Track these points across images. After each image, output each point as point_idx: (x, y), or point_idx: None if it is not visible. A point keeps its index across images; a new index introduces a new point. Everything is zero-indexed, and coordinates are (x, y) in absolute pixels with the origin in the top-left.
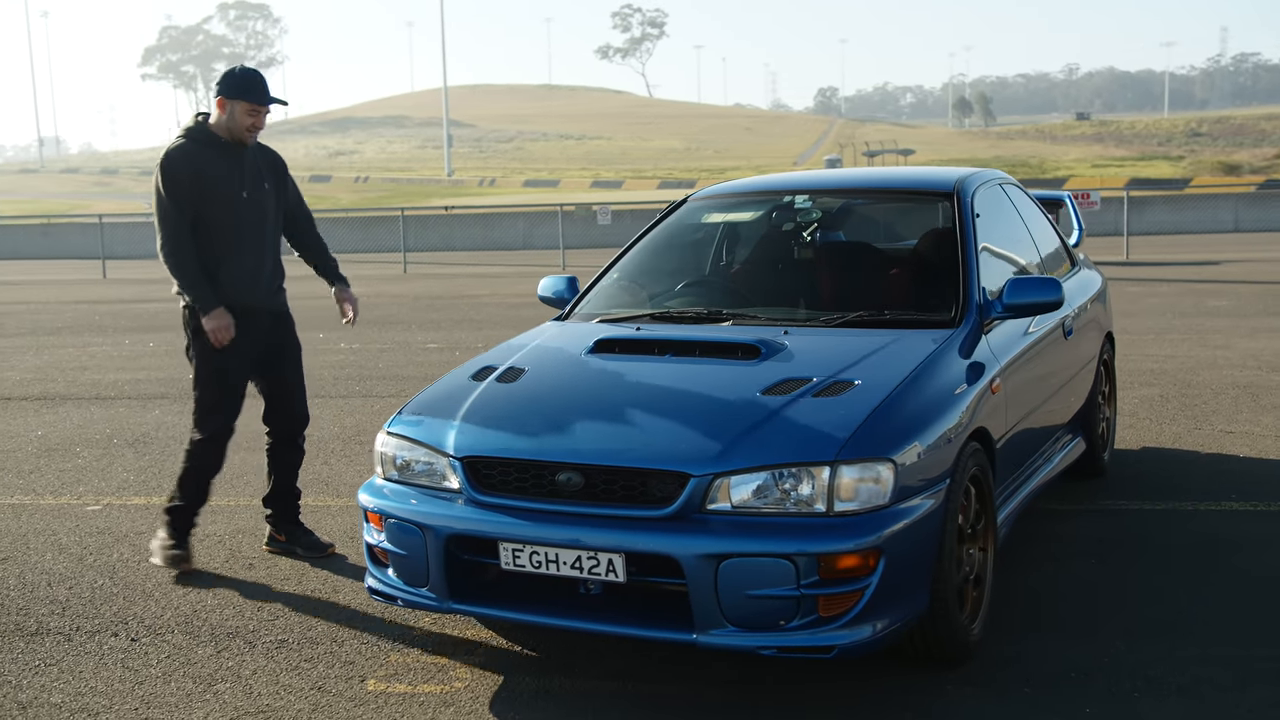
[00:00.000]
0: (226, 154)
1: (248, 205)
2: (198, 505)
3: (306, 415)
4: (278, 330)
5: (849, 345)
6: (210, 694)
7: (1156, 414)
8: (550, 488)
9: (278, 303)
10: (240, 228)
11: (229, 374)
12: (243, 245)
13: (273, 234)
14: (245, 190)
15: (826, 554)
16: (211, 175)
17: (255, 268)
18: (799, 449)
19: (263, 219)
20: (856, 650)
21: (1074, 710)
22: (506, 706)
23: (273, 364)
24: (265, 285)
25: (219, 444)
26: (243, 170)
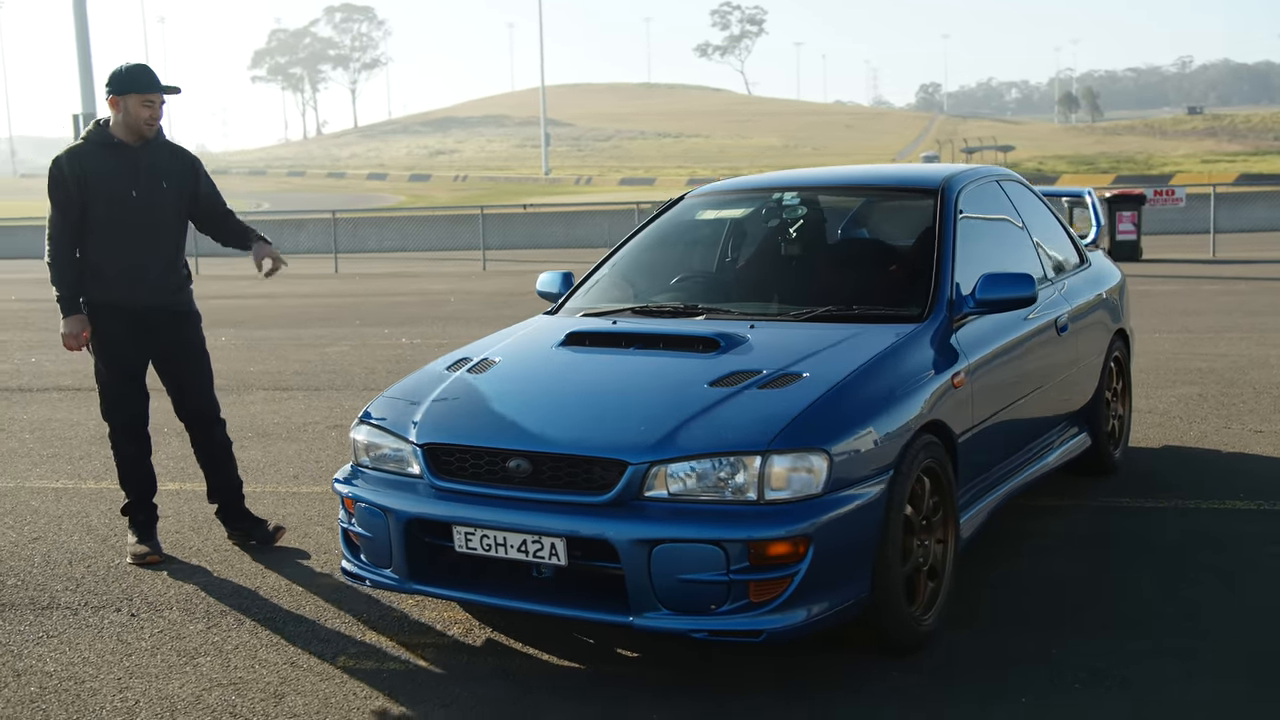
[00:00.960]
0: (120, 155)
1: (137, 205)
2: (146, 496)
3: (210, 407)
4: (173, 328)
5: (809, 339)
6: (190, 666)
7: (1190, 412)
8: (502, 474)
9: (173, 301)
10: (127, 227)
11: (120, 368)
12: (130, 244)
13: (168, 234)
14: (135, 190)
15: (755, 540)
16: (100, 176)
17: (142, 267)
18: (733, 439)
19: (154, 219)
20: (786, 635)
21: (1011, 698)
22: (463, 684)
23: (170, 360)
24: (154, 284)
25: (132, 432)
26: (136, 171)
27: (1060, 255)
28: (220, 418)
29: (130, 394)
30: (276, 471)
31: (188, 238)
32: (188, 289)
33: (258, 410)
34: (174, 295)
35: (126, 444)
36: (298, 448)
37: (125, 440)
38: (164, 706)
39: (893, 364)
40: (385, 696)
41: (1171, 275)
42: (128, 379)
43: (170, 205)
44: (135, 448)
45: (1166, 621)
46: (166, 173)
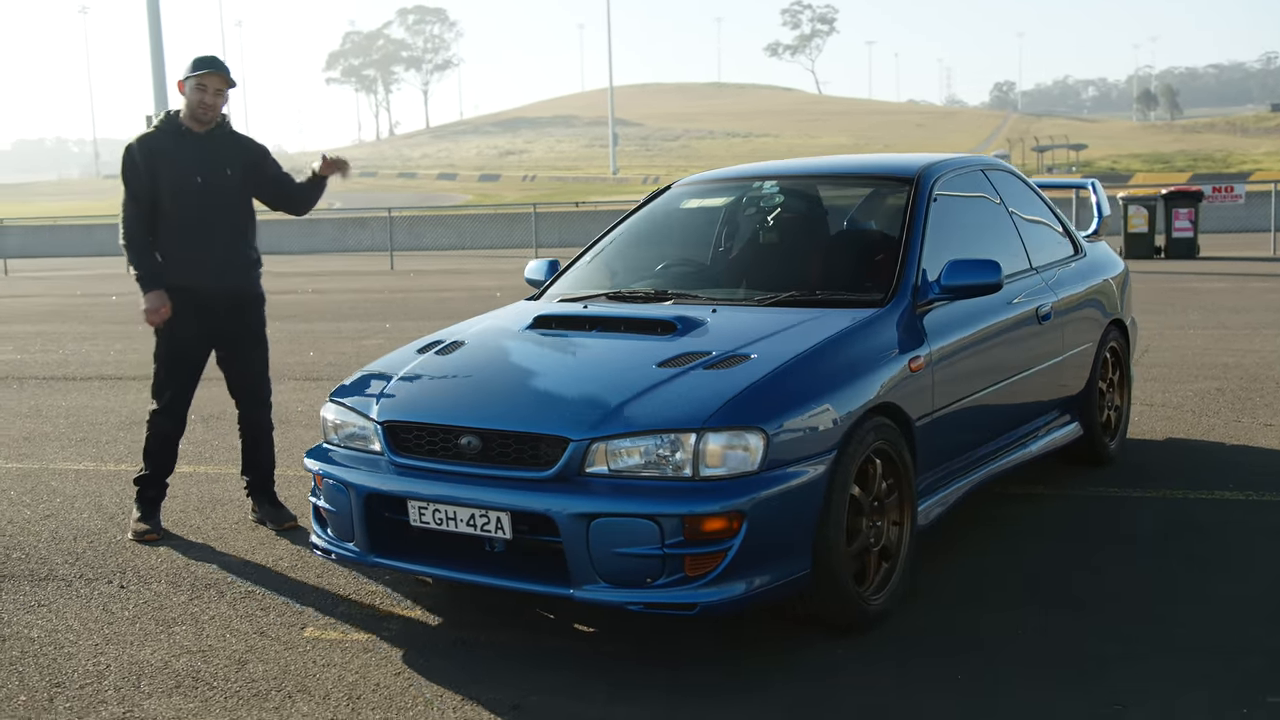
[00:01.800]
0: (188, 142)
1: (202, 191)
2: (162, 474)
3: (262, 389)
4: (236, 310)
5: (766, 322)
6: (165, 634)
7: (1204, 406)
8: (455, 450)
9: (237, 284)
10: (192, 212)
11: (180, 350)
12: (195, 229)
13: (232, 219)
14: (200, 176)
15: (689, 516)
16: (168, 162)
17: (207, 251)
18: (671, 417)
19: (218, 204)
20: (721, 609)
21: (945, 677)
22: (420, 654)
23: (230, 341)
24: (217, 267)
25: (172, 412)
26: (202, 157)
27: (1049, 245)
28: (269, 401)
29: (183, 375)
30: (288, 456)
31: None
32: (254, 273)
33: (285, 399)
34: (238, 278)
35: (163, 421)
36: (314, 434)
37: (163, 418)
38: (132, 671)
39: (843, 347)
40: (341, 665)
41: (1224, 273)
42: (185, 360)
43: (234, 191)
44: (170, 426)
45: (1124, 604)
46: (232, 160)
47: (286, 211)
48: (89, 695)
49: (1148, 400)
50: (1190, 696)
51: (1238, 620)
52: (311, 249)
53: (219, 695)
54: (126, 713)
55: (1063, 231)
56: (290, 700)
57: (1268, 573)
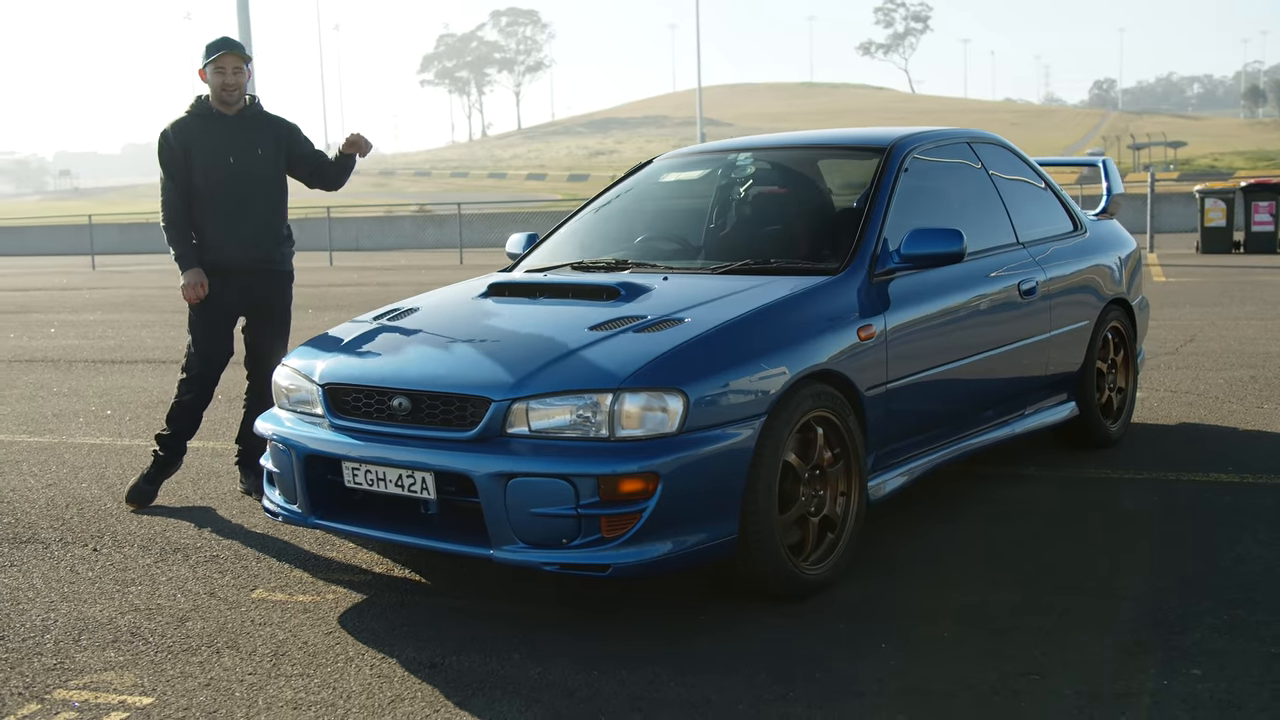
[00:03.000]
0: (218, 124)
1: (235, 171)
2: (182, 435)
3: (275, 362)
4: (264, 284)
5: (712, 288)
6: (120, 593)
7: (1229, 393)
8: (387, 412)
9: (268, 260)
10: (225, 192)
11: (211, 324)
12: (229, 208)
13: (264, 197)
14: (232, 156)
15: (603, 476)
16: (201, 144)
17: (236, 229)
18: (589, 378)
19: (250, 184)
20: (634, 570)
21: (870, 645)
22: (357, 615)
23: (256, 312)
24: (249, 244)
25: (200, 382)
26: (232, 139)
27: (1042, 220)
28: None
29: (213, 348)
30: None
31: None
32: (283, 249)
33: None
34: (268, 254)
35: (189, 390)
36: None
37: (190, 387)
38: (75, 626)
39: (783, 313)
40: (277, 624)
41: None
42: (215, 333)
43: (266, 171)
44: (194, 396)
45: (1071, 580)
46: (263, 140)
47: (321, 188)
48: (28, 647)
49: (1173, 386)
50: (1114, 667)
51: (1185, 597)
52: (389, 245)
53: (150, 650)
54: (58, 663)
55: (1061, 207)
56: (217, 655)
57: (1229, 552)
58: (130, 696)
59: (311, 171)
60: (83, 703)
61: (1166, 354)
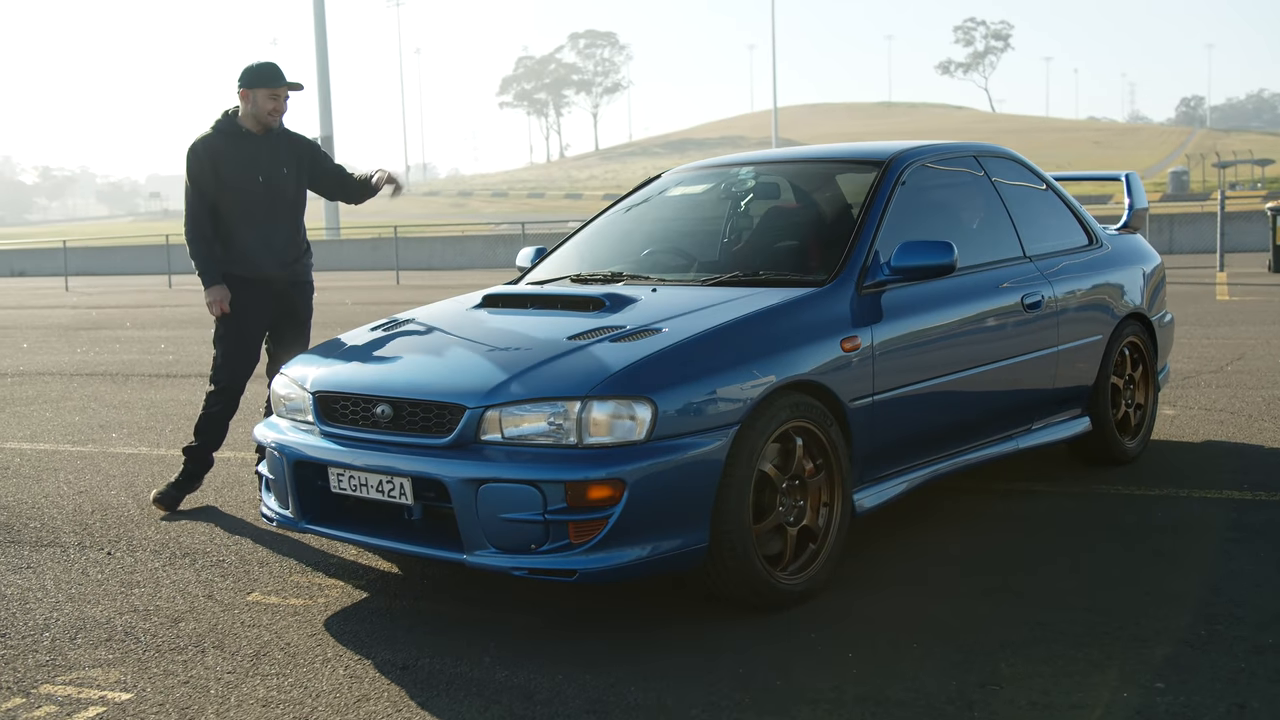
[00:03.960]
0: (248, 143)
1: (263, 189)
2: (209, 446)
3: None
4: (290, 297)
5: (697, 299)
6: (123, 594)
7: (1264, 412)
8: (371, 419)
9: (292, 273)
10: (254, 208)
11: (239, 335)
12: (256, 224)
13: (288, 213)
14: (261, 175)
15: (570, 482)
16: (230, 163)
17: (267, 243)
18: (560, 386)
19: (276, 201)
20: (601, 576)
21: (837, 654)
22: (344, 619)
23: (279, 322)
24: (277, 258)
25: (227, 394)
26: (261, 157)
27: (1053, 234)
28: None
29: (240, 360)
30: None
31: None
32: (307, 261)
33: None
34: (292, 266)
35: (216, 402)
36: None
37: (218, 399)
38: (74, 625)
39: (763, 324)
40: (265, 627)
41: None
42: (243, 345)
43: (290, 188)
44: (222, 407)
45: (1055, 595)
46: (287, 159)
47: (344, 201)
48: (26, 644)
49: (1209, 404)
50: (1077, 680)
51: (1165, 611)
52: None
53: (140, 648)
54: (50, 660)
55: (1076, 222)
56: (202, 655)
57: (1223, 568)
58: (111, 692)
59: (335, 186)
60: (65, 697)
61: (1211, 372)
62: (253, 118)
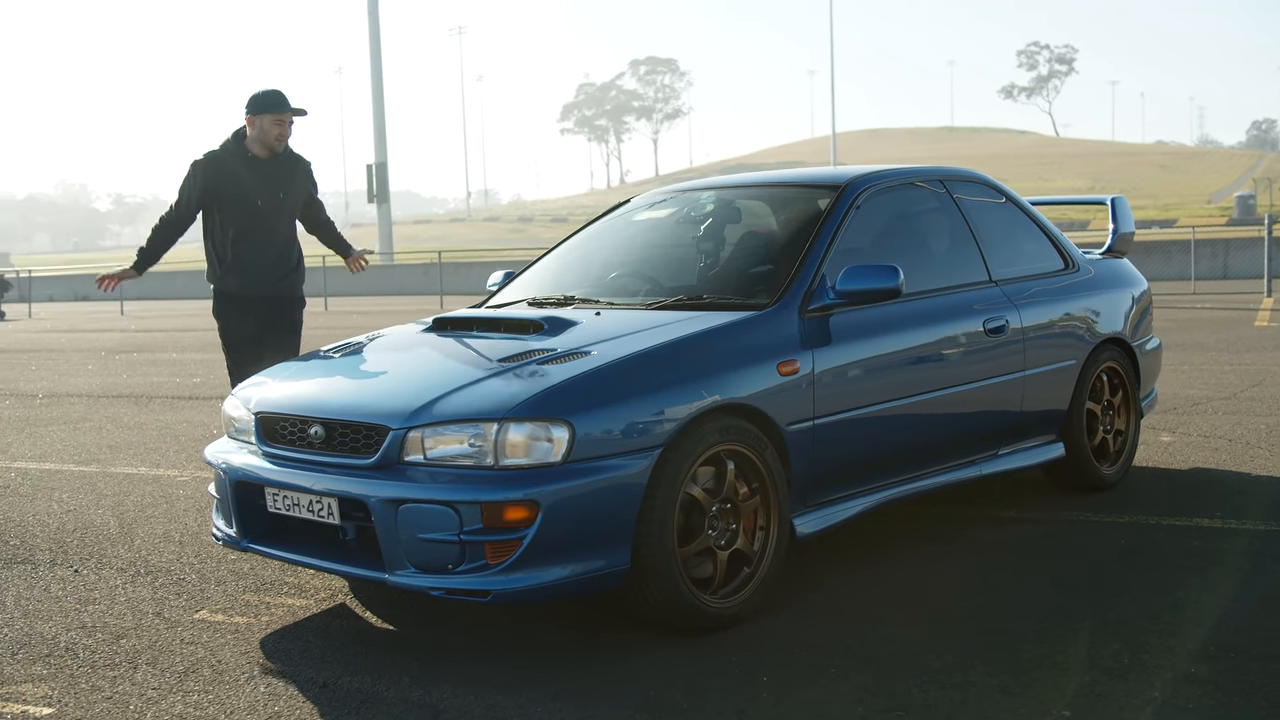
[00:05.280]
0: (251, 167)
1: (261, 211)
2: None
3: None
4: (279, 308)
5: (635, 322)
6: (76, 611)
7: (1263, 439)
8: (306, 439)
9: (284, 287)
10: (251, 228)
11: (239, 347)
12: (252, 241)
13: (284, 233)
14: (260, 199)
15: (485, 503)
16: (232, 183)
17: (261, 260)
18: (479, 408)
19: (274, 222)
20: (515, 597)
21: (753, 678)
22: (281, 637)
23: (269, 333)
24: (271, 274)
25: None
26: (262, 180)
27: (1023, 258)
28: None
29: (245, 364)
30: None
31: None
32: (296, 275)
33: None
34: (289, 283)
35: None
36: None
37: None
38: (20, 641)
39: (694, 347)
40: (202, 644)
41: None
42: (244, 353)
43: (287, 210)
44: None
45: (992, 621)
46: (286, 184)
47: (313, 234)
48: None
49: (1209, 431)
50: (984, 706)
51: (1095, 639)
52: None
53: (74, 664)
54: None
55: (1052, 246)
56: (133, 670)
57: (1169, 596)
58: (34, 707)
59: (308, 215)
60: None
61: (1223, 398)
62: (259, 142)
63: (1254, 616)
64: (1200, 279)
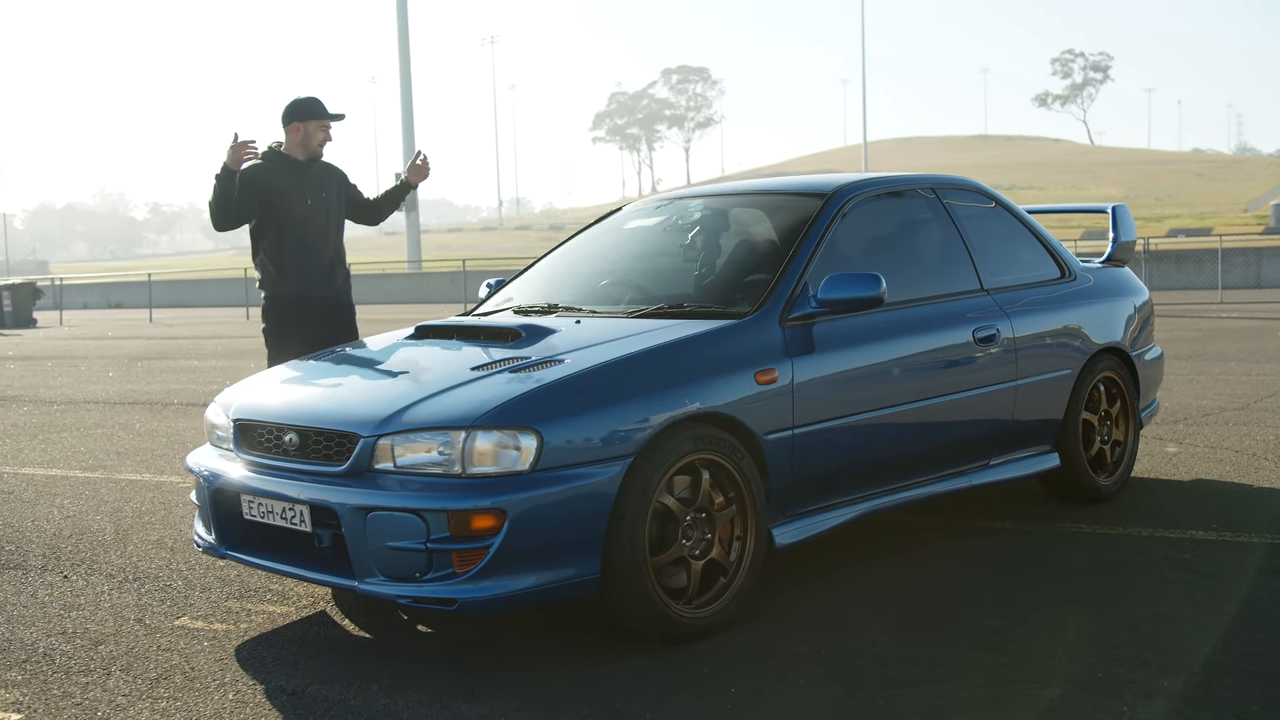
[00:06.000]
0: (296, 170)
1: (311, 211)
2: None
3: None
4: (335, 317)
5: (615, 330)
6: (60, 617)
7: (1270, 451)
8: (281, 446)
9: (336, 292)
10: (304, 229)
11: (288, 353)
12: (306, 244)
13: (334, 234)
14: (310, 199)
15: (452, 512)
16: (281, 189)
17: (316, 262)
18: (448, 416)
19: (324, 223)
20: (482, 606)
21: (720, 688)
22: (257, 644)
23: (325, 341)
24: (324, 277)
25: None
26: (307, 183)
27: (1017, 267)
28: None
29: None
30: None
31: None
32: (348, 284)
33: None
34: (341, 286)
35: None
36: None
37: None
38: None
39: (670, 355)
40: (178, 650)
41: None
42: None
43: (334, 210)
44: None
45: (968, 633)
46: (328, 184)
47: (366, 223)
48: None
49: (1216, 442)
50: None
51: (1070, 653)
52: None
53: (49, 669)
54: None
55: (1047, 254)
56: (106, 676)
57: (1150, 610)
58: (3, 713)
59: (365, 213)
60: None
61: (1235, 409)
62: (301, 147)
63: (1234, 632)
64: (1232, 288)
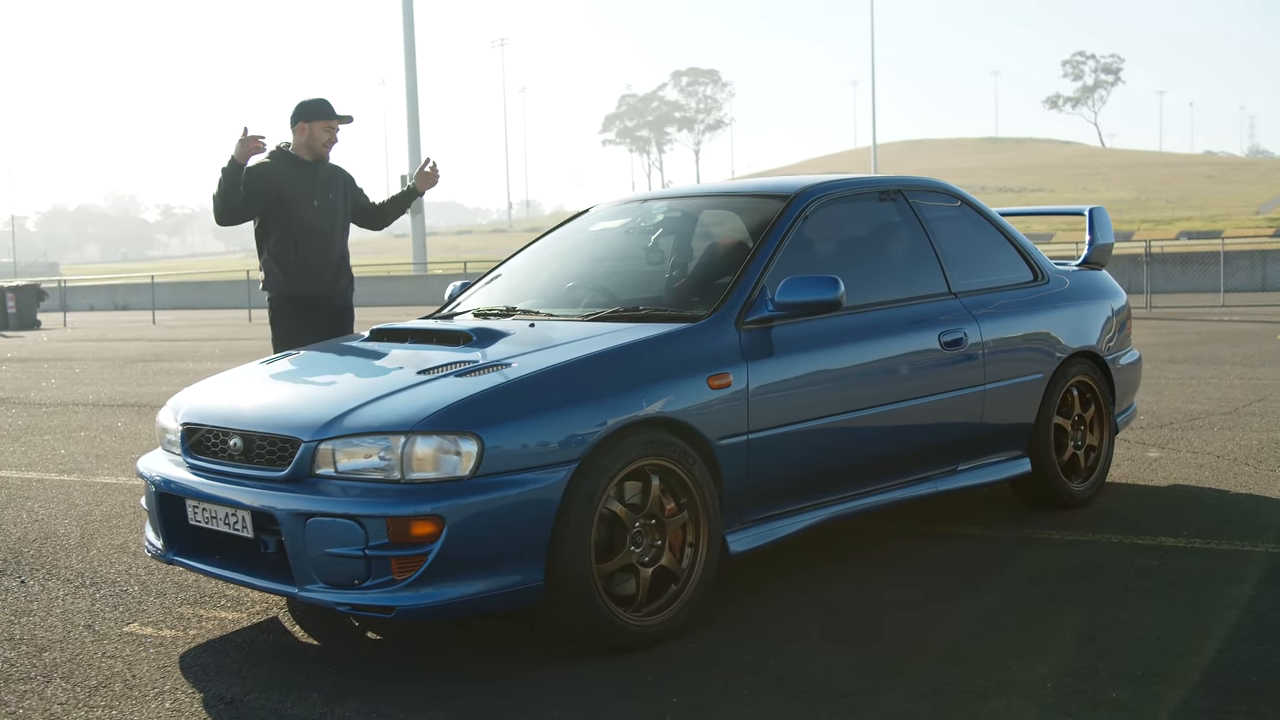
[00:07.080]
0: (303, 170)
1: (318, 211)
2: None
3: None
4: (338, 320)
5: (567, 334)
6: (10, 623)
7: (1252, 456)
8: (226, 451)
9: (340, 294)
10: (311, 229)
11: (288, 348)
12: (312, 243)
13: (339, 235)
14: (316, 199)
15: (390, 518)
16: (287, 188)
17: (322, 262)
18: (388, 421)
19: (331, 222)
20: (421, 613)
21: (662, 698)
22: (202, 651)
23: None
24: (330, 277)
25: None
26: (314, 184)
27: (987, 270)
28: None
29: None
30: None
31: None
32: (350, 286)
33: None
34: (344, 288)
35: None
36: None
37: None
38: None
39: (618, 359)
40: (122, 657)
41: None
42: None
43: (340, 210)
44: None
45: (920, 642)
46: (335, 186)
47: (370, 228)
48: None
49: (1199, 447)
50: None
51: (1021, 663)
52: None
53: None
54: None
55: (1020, 257)
56: (46, 683)
57: (1110, 618)
58: None
59: (366, 214)
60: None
61: (1224, 413)
62: (308, 148)
63: (1189, 640)
64: (1236, 291)
